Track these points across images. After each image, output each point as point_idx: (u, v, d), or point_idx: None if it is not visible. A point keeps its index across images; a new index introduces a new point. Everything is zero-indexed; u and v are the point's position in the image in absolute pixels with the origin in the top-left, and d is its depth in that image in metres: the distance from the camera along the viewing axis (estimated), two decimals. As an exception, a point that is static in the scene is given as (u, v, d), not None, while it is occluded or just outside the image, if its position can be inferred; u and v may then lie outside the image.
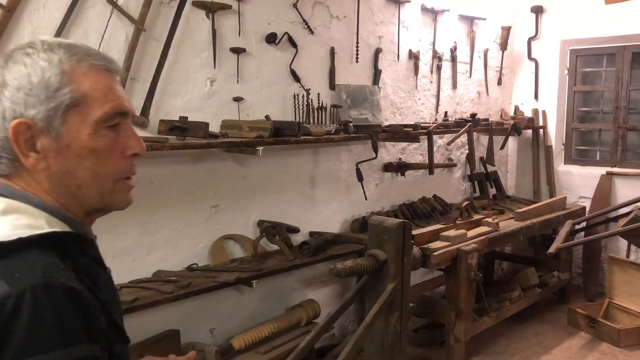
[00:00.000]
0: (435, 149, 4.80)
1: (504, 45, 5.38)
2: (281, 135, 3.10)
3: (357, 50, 3.96)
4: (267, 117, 3.29)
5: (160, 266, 3.03)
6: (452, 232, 3.72)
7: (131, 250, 2.92)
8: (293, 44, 3.53)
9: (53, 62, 0.97)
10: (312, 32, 3.65)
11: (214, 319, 3.32)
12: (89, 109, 0.98)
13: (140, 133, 2.79)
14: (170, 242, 3.08)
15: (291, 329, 3.43)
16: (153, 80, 2.88)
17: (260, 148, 2.92)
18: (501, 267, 5.71)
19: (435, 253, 3.46)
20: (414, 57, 4.51)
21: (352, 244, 3.66)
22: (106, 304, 0.98)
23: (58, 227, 0.96)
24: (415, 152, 4.67)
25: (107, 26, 2.69)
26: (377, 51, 4.17)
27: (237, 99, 3.27)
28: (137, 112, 2.84)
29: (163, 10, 2.93)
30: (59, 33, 2.53)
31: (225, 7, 3.15)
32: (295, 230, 3.57)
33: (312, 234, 3.73)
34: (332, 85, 3.83)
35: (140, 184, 2.91)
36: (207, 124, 2.76)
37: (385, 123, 4.19)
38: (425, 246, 3.54)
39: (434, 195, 4.75)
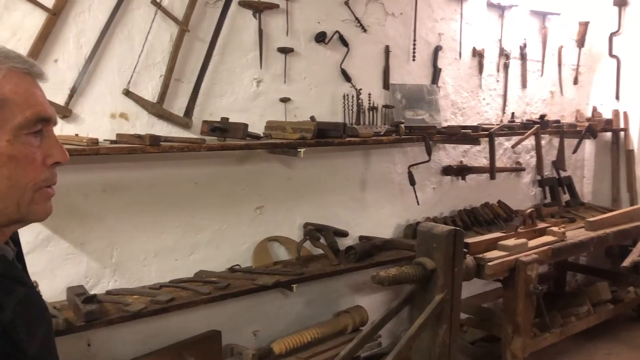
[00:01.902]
0: (501, 152, 4.58)
1: (581, 42, 5.02)
2: (326, 136, 3.02)
3: (414, 49, 3.81)
4: (312, 118, 3.22)
5: (202, 266, 3.03)
6: (511, 241, 3.48)
7: (173, 250, 2.94)
8: (344, 42, 3.44)
9: None
10: (364, 30, 3.54)
11: (258, 321, 3.29)
12: (8, 114, 0.93)
13: (183, 134, 2.82)
14: (213, 243, 3.07)
15: (336, 336, 3.34)
16: (197, 81, 2.89)
17: (302, 150, 2.84)
18: (575, 278, 5.33)
19: (490, 263, 3.25)
20: (478, 54, 4.29)
21: (402, 250, 3.52)
22: (10, 325, 0.90)
23: None
24: (478, 155, 4.44)
25: (151, 27, 2.72)
26: (437, 49, 3.99)
27: (284, 100, 3.22)
28: (181, 113, 2.86)
29: (208, 11, 2.93)
30: (103, 35, 2.58)
31: (273, 7, 3.10)
32: (344, 234, 3.48)
33: (361, 238, 3.62)
34: (386, 85, 3.70)
35: (184, 184, 2.94)
36: (246, 125, 2.73)
37: (445, 124, 4.01)
38: (481, 255, 3.34)
39: (499, 201, 4.50)
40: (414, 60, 3.85)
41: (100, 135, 2.58)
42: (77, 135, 2.46)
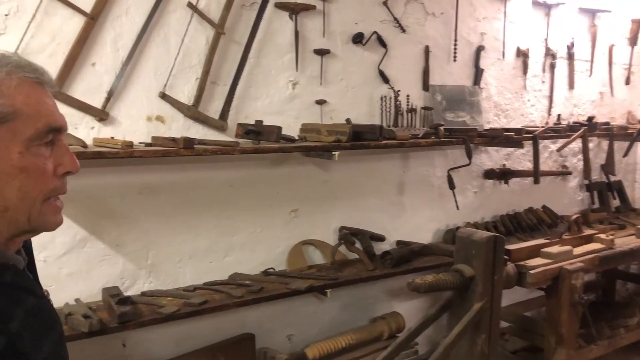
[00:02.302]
0: (546, 155, 4.43)
1: (633, 40, 4.80)
2: (361, 139, 2.96)
3: (455, 49, 3.71)
4: (347, 120, 3.17)
5: (237, 269, 3.02)
6: (555, 249, 3.35)
7: (208, 252, 2.95)
8: (382, 43, 3.38)
9: None
10: (403, 31, 3.47)
11: (292, 325, 3.26)
12: (20, 126, 0.92)
13: (218, 137, 2.82)
14: (248, 246, 3.06)
15: (371, 342, 3.28)
16: (233, 84, 2.88)
17: (337, 153, 2.80)
18: (625, 287, 5.10)
19: (532, 271, 3.13)
20: (522, 54, 4.15)
21: (441, 256, 3.43)
22: (17, 336, 0.88)
23: None
24: (522, 159, 4.29)
25: (187, 30, 2.73)
26: (479, 49, 3.88)
27: (320, 102, 3.18)
28: (216, 116, 2.86)
29: (244, 13, 2.92)
30: (139, 38, 2.60)
31: (309, 8, 3.07)
32: (381, 239, 3.41)
33: (399, 243, 3.55)
34: (426, 86, 3.62)
35: (219, 186, 2.94)
36: (279, 128, 2.70)
37: (488, 126, 3.89)
38: (523, 263, 3.22)
39: (543, 206, 4.34)
40: (454, 60, 3.75)
41: (137, 138, 2.60)
42: (112, 138, 2.49)
